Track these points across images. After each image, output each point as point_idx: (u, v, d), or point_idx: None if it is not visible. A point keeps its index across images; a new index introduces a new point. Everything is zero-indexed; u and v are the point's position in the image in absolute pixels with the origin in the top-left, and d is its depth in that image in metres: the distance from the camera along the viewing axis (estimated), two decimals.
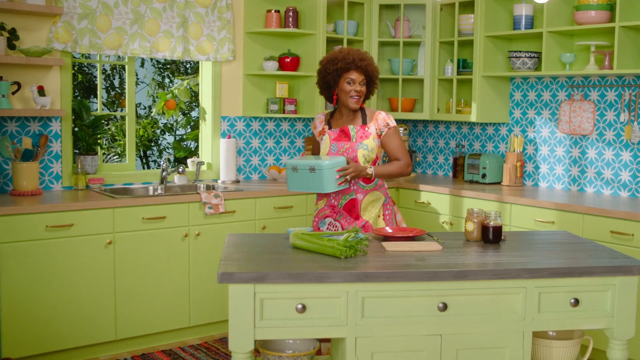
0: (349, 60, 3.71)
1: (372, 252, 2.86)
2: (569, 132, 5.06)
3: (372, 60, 3.81)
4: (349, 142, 3.73)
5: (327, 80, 3.76)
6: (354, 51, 3.76)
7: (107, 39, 4.79)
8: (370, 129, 3.76)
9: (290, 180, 3.59)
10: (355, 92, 3.72)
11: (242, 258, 2.73)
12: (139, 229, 4.42)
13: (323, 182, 3.46)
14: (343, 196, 3.72)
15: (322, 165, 3.45)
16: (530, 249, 3.01)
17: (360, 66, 3.73)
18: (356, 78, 3.71)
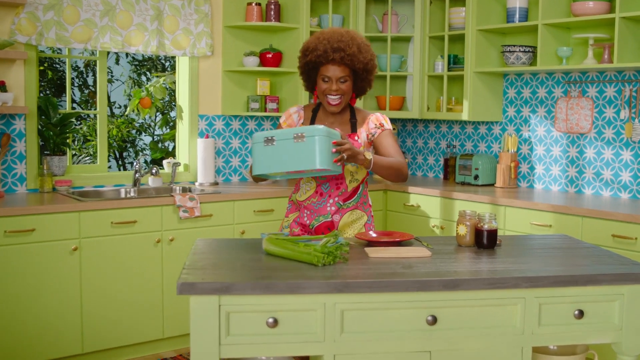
0: (320, 51, 2.95)
1: (353, 259, 2.57)
2: (566, 131, 4.79)
3: (359, 47, 2.97)
4: None
5: (303, 74, 3.13)
6: (332, 37, 2.96)
7: (75, 32, 4.50)
8: (360, 137, 3.09)
9: (261, 159, 2.72)
10: (333, 91, 3.00)
11: (208, 266, 2.44)
12: (107, 234, 4.12)
13: (315, 154, 2.61)
14: (317, 217, 3.10)
15: (316, 130, 2.63)
16: (528, 254, 2.73)
17: (334, 59, 2.94)
18: (332, 74, 2.97)
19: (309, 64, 3.03)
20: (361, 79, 3.06)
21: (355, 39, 2.98)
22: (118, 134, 7.05)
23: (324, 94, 3.03)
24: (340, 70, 2.97)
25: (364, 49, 3.00)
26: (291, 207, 3.25)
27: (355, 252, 2.69)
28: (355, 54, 2.96)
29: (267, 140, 2.70)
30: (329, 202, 3.09)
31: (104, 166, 4.91)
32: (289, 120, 3.18)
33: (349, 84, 3.01)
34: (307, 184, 3.14)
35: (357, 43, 2.98)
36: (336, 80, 2.99)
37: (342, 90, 3.00)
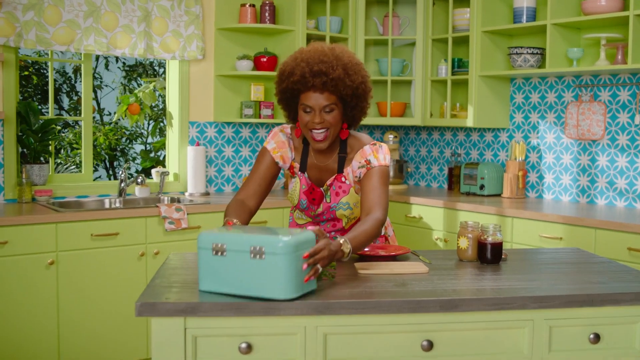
0: (297, 76, 2.43)
1: (340, 275, 2.30)
2: (577, 138, 4.51)
3: (346, 68, 2.44)
4: (321, 204, 2.68)
5: (282, 106, 2.62)
6: (311, 57, 2.44)
7: (57, 33, 4.26)
8: (348, 178, 2.62)
9: (208, 271, 2.03)
10: (317, 124, 2.47)
11: (177, 283, 2.17)
12: (86, 247, 3.86)
13: (277, 280, 1.94)
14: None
15: (279, 246, 1.94)
16: (537, 270, 2.45)
17: (315, 85, 2.41)
18: (314, 104, 2.44)
19: (286, 92, 2.52)
20: (351, 107, 2.52)
21: (341, 59, 2.45)
22: (106, 142, 6.80)
23: (306, 128, 2.50)
24: (323, 98, 2.44)
25: (353, 70, 2.46)
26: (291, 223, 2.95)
27: (344, 267, 2.42)
28: (341, 78, 2.42)
29: (217, 248, 2.02)
30: (329, 231, 2.79)
31: (89, 175, 4.66)
32: (282, 149, 2.65)
33: (336, 114, 2.48)
34: (300, 217, 2.84)
35: (343, 63, 2.45)
36: (320, 111, 2.45)
37: (328, 122, 2.47)
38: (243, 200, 2.62)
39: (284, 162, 2.68)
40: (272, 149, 2.67)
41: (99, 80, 7.87)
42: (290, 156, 2.69)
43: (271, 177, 2.68)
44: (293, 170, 2.71)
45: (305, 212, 2.75)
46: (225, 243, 2.01)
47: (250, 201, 2.64)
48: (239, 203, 2.60)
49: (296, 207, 2.76)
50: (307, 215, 2.77)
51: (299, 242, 1.98)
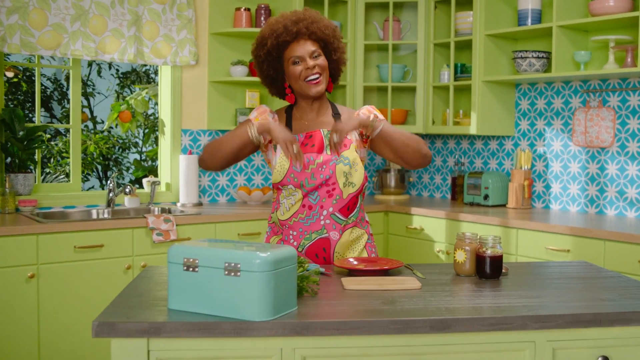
0: (279, 30, 2.52)
1: (324, 291, 2.11)
2: (585, 145, 4.31)
3: (316, 16, 2.58)
4: (320, 155, 2.54)
5: (265, 73, 2.61)
6: (285, 16, 2.57)
7: (43, 37, 4.10)
8: (350, 134, 2.59)
9: (179, 288, 1.85)
10: (308, 69, 2.51)
11: (145, 300, 1.98)
12: (69, 260, 3.68)
13: (255, 299, 1.76)
14: (308, 234, 2.55)
15: (257, 262, 1.75)
16: (540, 286, 2.25)
17: (299, 31, 2.52)
18: (303, 51, 2.51)
19: (270, 53, 2.54)
20: (333, 50, 2.59)
21: (309, 12, 2.60)
22: (97, 151, 6.63)
23: (299, 79, 2.53)
24: (310, 44, 2.53)
25: (324, 21, 2.59)
26: (271, 230, 2.69)
27: (330, 283, 2.23)
28: (318, 19, 2.56)
29: (188, 263, 1.83)
30: (321, 213, 2.54)
31: (78, 185, 4.49)
32: (262, 115, 2.61)
33: (324, 59, 2.56)
34: (288, 198, 2.57)
35: (313, 14, 2.58)
36: (310, 57, 2.52)
37: (320, 66, 2.53)
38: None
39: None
40: (254, 118, 2.60)
41: (91, 88, 7.72)
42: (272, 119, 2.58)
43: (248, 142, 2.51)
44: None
45: (298, 176, 2.52)
46: (198, 258, 1.83)
47: None
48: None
49: (282, 180, 2.54)
50: (297, 183, 2.52)
51: (278, 258, 1.80)
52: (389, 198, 5.15)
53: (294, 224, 2.57)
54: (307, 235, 2.55)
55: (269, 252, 1.79)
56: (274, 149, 2.56)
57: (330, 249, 2.55)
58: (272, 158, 2.59)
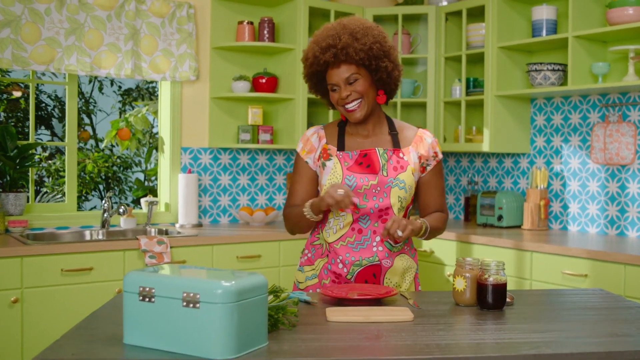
0: (311, 59, 2.36)
1: (304, 324, 1.89)
2: (604, 163, 4.05)
3: (353, 34, 2.31)
4: (376, 176, 2.36)
5: (313, 89, 2.50)
6: (321, 35, 2.35)
7: (35, 52, 3.95)
8: (409, 155, 2.42)
9: (134, 319, 1.65)
10: (346, 98, 2.35)
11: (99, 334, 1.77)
12: (55, 284, 3.50)
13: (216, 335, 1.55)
14: (358, 260, 2.37)
15: (216, 291, 1.55)
16: (548, 318, 2.01)
17: (327, 61, 2.31)
18: (337, 79, 2.34)
19: (311, 78, 2.44)
20: (374, 70, 2.35)
21: (347, 27, 2.33)
22: (95, 170, 6.48)
23: (339, 106, 2.41)
24: (343, 70, 2.33)
25: (362, 33, 2.32)
26: (315, 252, 2.49)
27: (311, 314, 2.01)
28: (349, 44, 2.29)
29: (144, 293, 1.63)
30: (374, 239, 2.37)
31: (73, 205, 4.32)
32: (307, 146, 2.48)
33: (363, 82, 2.34)
34: (337, 218, 2.40)
35: (350, 30, 2.31)
36: (344, 85, 2.34)
37: (357, 93, 2.35)
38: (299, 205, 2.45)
39: (311, 153, 2.48)
40: (301, 150, 2.51)
41: (92, 105, 7.60)
42: (317, 143, 2.48)
43: (311, 178, 2.49)
44: (327, 154, 2.43)
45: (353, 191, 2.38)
46: (154, 287, 1.63)
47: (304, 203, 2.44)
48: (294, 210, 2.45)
49: None
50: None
51: (243, 288, 1.59)
52: None
53: (341, 247, 2.39)
54: (356, 262, 2.37)
55: (233, 281, 1.58)
56: (322, 167, 2.42)
57: (381, 275, 2.40)
58: (320, 174, 2.45)
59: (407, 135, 2.48)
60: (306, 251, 2.54)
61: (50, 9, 3.99)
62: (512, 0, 4.35)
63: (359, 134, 2.46)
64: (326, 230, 2.43)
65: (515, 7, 4.37)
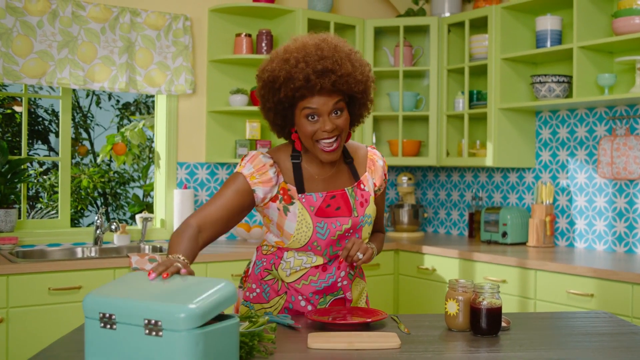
0: (300, 80, 1.95)
1: (283, 351, 1.77)
2: (612, 177, 3.92)
3: (351, 60, 2.02)
4: (349, 219, 2.13)
5: (272, 120, 2.11)
6: (309, 55, 1.98)
7: (27, 65, 3.87)
8: (367, 183, 2.21)
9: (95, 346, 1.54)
10: (327, 132, 2.01)
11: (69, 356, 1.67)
12: (43, 303, 3.39)
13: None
14: (322, 297, 2.18)
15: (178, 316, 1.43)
16: (546, 345, 1.88)
17: (324, 87, 1.97)
18: (322, 108, 1.99)
19: (282, 102, 2.01)
20: (359, 105, 2.10)
21: (342, 49, 2.02)
22: (90, 185, 6.39)
23: (312, 140, 2.03)
24: (330, 99, 2.00)
25: (358, 61, 2.05)
26: (269, 289, 2.18)
27: (295, 339, 1.89)
28: (351, 72, 1.99)
29: (105, 319, 1.51)
30: (339, 275, 2.17)
31: (66, 221, 4.23)
32: (261, 174, 2.07)
33: (346, 116, 2.04)
34: (299, 258, 2.15)
35: (346, 54, 2.01)
36: (328, 115, 2.00)
37: (339, 127, 2.02)
38: (198, 228, 1.99)
39: (265, 185, 2.06)
40: (250, 174, 2.07)
41: (90, 119, 7.52)
42: (275, 179, 2.08)
43: (240, 207, 2.05)
44: (288, 196, 2.08)
45: (323, 244, 2.10)
46: (114, 313, 1.51)
47: (206, 231, 2.01)
48: (192, 232, 1.97)
49: (303, 248, 2.11)
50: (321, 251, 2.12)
51: (208, 310, 1.47)
52: (402, 235, 4.80)
53: (303, 287, 2.16)
54: (321, 300, 2.18)
55: (199, 303, 1.46)
56: (284, 212, 2.08)
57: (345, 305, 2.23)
58: (279, 219, 2.10)
59: (360, 159, 2.24)
60: (254, 286, 2.22)
61: (42, 21, 3.92)
62: (516, 11, 4.24)
63: (319, 172, 2.15)
64: (282, 269, 2.16)
65: (519, 17, 4.26)
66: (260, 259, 2.22)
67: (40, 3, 3.89)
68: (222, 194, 2.06)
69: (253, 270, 2.24)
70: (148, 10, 4.22)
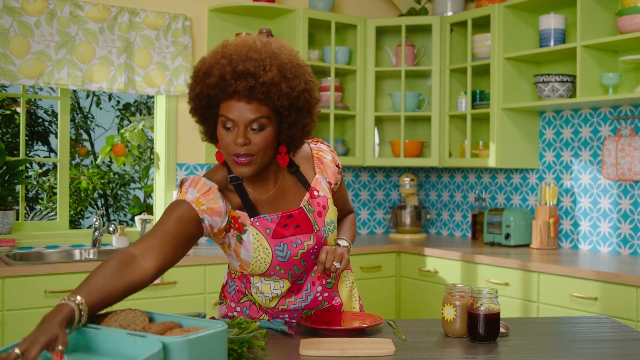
0: (214, 77, 1.76)
1: (274, 357, 1.72)
2: (616, 178, 3.86)
3: (282, 69, 1.79)
4: (310, 236, 1.97)
5: (197, 119, 1.91)
6: (236, 52, 1.77)
7: (24, 66, 3.84)
8: (321, 186, 2.04)
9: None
10: (239, 145, 1.77)
11: None
12: (38, 306, 3.35)
13: None
14: (306, 310, 2.07)
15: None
16: (546, 352, 1.83)
17: (238, 90, 1.74)
18: (237, 115, 1.77)
19: (200, 99, 1.82)
20: (289, 124, 1.85)
21: (277, 56, 1.80)
22: (89, 186, 6.36)
23: (228, 153, 1.81)
24: (250, 109, 1.77)
25: (293, 72, 1.81)
26: (249, 309, 2.08)
27: (288, 345, 1.84)
28: (275, 82, 1.76)
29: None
30: (315, 290, 2.05)
31: (65, 223, 4.19)
32: (207, 199, 1.84)
33: (267, 135, 1.81)
34: (267, 283, 2.00)
35: (280, 63, 1.79)
36: (245, 127, 1.78)
37: (255, 146, 1.79)
38: (136, 256, 1.71)
39: (216, 217, 1.85)
40: (195, 200, 1.83)
41: (90, 120, 7.50)
42: (224, 207, 1.88)
43: (186, 236, 1.81)
44: (239, 224, 1.91)
45: (285, 266, 1.95)
46: None
47: (147, 259, 1.71)
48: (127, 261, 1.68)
49: (265, 273, 1.96)
50: (285, 274, 1.97)
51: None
52: (404, 237, 4.75)
53: (282, 311, 2.05)
54: (306, 311, 2.06)
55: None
56: (239, 241, 1.91)
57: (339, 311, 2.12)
58: (235, 246, 1.94)
59: (306, 162, 2.06)
60: (232, 304, 2.10)
61: (40, 21, 3.88)
62: (519, 10, 4.18)
63: (261, 189, 1.96)
64: (256, 295, 2.02)
65: (522, 16, 4.20)
66: (233, 280, 2.09)
67: (37, 3, 3.86)
68: (163, 222, 1.80)
69: (227, 289, 2.12)
70: (147, 10, 4.18)
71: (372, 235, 4.96)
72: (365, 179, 5.08)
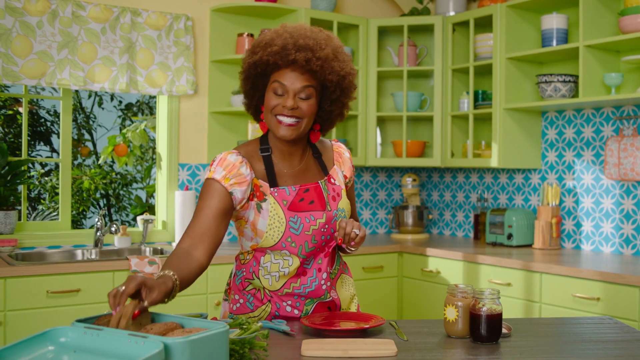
0: (277, 46, 1.98)
1: (276, 358, 1.72)
2: (619, 178, 3.85)
3: (336, 52, 2.04)
4: (323, 213, 2.08)
5: (244, 86, 2.11)
6: (297, 31, 2.02)
7: (27, 66, 3.84)
8: (337, 177, 2.19)
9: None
10: (285, 108, 1.98)
11: None
12: (41, 306, 3.35)
13: None
14: (308, 300, 2.11)
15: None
16: (549, 353, 1.82)
17: (296, 60, 1.97)
18: (290, 83, 1.98)
19: (256, 66, 2.02)
20: (332, 100, 2.07)
21: (332, 40, 2.06)
22: (92, 186, 6.36)
23: (272, 113, 2.01)
24: (302, 79, 1.99)
25: (343, 56, 2.06)
26: (253, 298, 2.12)
27: (290, 346, 1.84)
28: (330, 59, 2.00)
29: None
30: (320, 277, 2.10)
31: (67, 223, 4.19)
32: (233, 174, 2.00)
33: (312, 103, 2.02)
34: (276, 262, 2.06)
35: (334, 45, 2.04)
36: (294, 95, 1.99)
37: (301, 110, 2.00)
38: (187, 250, 1.90)
39: (240, 185, 1.99)
40: (222, 178, 1.99)
41: (92, 120, 7.50)
42: (248, 175, 2.02)
43: (223, 211, 1.98)
44: (260, 192, 2.03)
45: (297, 239, 2.03)
46: None
47: (197, 250, 1.92)
48: (182, 254, 1.89)
49: (277, 245, 2.03)
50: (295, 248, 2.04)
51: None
52: (406, 237, 4.74)
53: (286, 295, 2.10)
54: (308, 301, 2.11)
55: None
56: (258, 209, 2.02)
57: (336, 309, 2.17)
58: (254, 218, 2.03)
59: (327, 153, 2.24)
60: (237, 297, 2.15)
61: (42, 22, 3.88)
62: (521, 9, 4.17)
63: (289, 165, 2.12)
64: (263, 277, 2.09)
65: (524, 16, 4.20)
66: (240, 269, 2.15)
67: (39, 3, 3.86)
68: (202, 206, 1.98)
69: (234, 281, 2.18)
70: (149, 10, 4.18)
71: (374, 236, 4.96)
72: (367, 179, 5.07)
